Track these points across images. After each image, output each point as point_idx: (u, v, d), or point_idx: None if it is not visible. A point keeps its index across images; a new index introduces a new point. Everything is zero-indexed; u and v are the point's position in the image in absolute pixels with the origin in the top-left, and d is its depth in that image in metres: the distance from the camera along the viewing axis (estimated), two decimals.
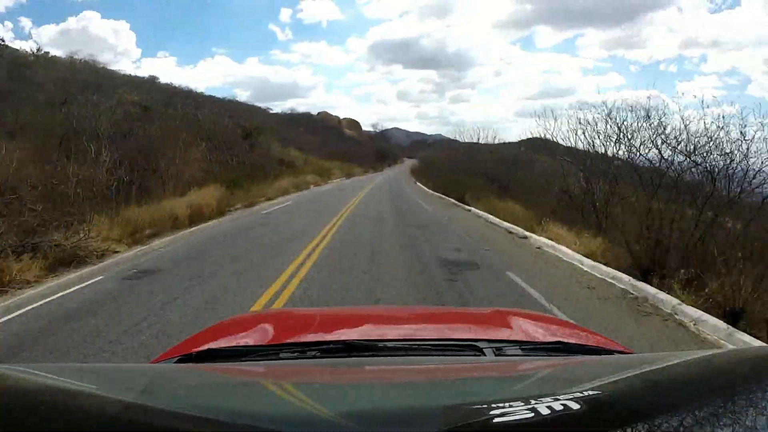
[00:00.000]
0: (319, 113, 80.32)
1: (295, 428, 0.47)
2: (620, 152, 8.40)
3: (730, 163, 5.79)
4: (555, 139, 11.46)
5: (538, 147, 15.39)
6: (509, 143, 19.59)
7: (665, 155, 6.82)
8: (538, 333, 1.24)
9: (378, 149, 69.36)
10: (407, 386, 0.78)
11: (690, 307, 4.43)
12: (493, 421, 0.43)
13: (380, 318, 1.56)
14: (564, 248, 7.40)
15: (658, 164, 6.99)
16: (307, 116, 63.93)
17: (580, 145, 9.73)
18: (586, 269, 6.35)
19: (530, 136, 14.35)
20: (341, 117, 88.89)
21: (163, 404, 0.57)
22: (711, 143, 6.04)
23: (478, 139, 25.80)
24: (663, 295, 4.82)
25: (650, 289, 5.06)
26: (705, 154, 6.06)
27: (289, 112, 59.86)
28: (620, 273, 5.70)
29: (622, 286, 5.44)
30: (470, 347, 1.02)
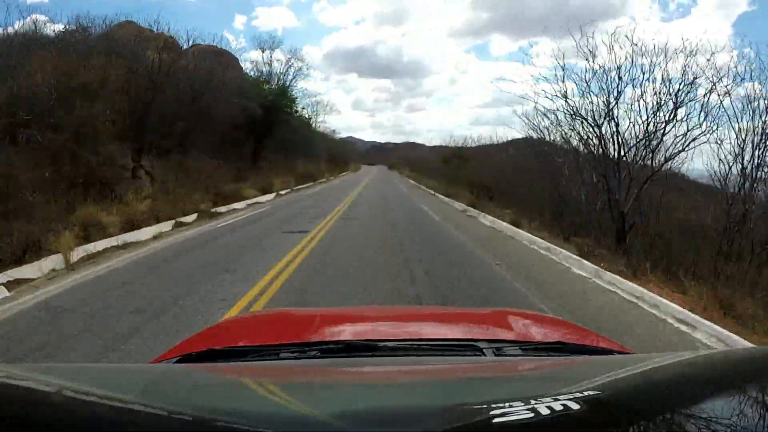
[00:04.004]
0: None
1: (295, 428, 0.47)
2: None
3: None
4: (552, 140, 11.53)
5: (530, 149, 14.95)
6: (496, 144, 19.82)
7: None
8: (538, 333, 1.24)
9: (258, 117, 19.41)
10: (407, 386, 0.77)
11: None
12: (493, 421, 0.43)
13: (380, 318, 1.56)
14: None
15: None
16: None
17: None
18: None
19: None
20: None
21: (163, 404, 0.57)
22: None
23: (462, 143, 26.18)
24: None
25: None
26: None
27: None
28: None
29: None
30: (470, 347, 1.02)
